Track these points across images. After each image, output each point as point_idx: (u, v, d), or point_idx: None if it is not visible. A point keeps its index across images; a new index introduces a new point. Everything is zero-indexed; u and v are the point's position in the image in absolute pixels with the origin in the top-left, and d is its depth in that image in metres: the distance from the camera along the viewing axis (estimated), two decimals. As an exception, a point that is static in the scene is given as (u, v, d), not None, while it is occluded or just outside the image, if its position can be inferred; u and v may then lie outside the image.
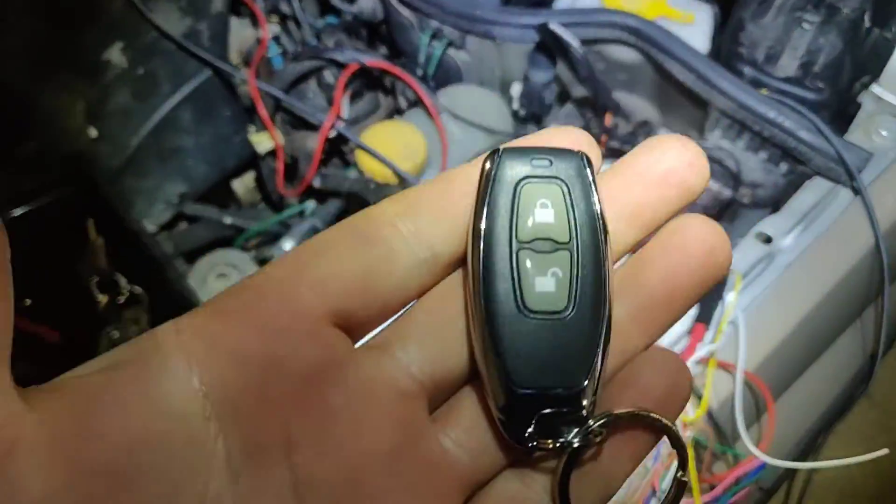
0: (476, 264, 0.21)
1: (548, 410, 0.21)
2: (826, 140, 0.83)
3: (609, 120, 0.90)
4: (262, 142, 0.98)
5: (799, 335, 0.80)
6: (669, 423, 0.23)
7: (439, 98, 0.95)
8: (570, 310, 0.21)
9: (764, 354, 0.78)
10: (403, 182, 0.88)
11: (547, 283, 0.21)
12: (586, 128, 0.92)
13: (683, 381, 0.24)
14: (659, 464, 0.70)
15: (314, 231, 0.86)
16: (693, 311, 0.76)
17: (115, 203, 0.95)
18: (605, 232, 0.22)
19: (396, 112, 1.01)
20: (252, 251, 1.05)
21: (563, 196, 0.21)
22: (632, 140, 0.90)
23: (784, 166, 0.88)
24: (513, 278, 0.21)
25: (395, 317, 0.23)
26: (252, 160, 1.13)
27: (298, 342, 0.21)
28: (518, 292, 0.21)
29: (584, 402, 0.21)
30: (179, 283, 0.89)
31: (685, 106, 0.94)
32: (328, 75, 0.94)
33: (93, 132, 1.01)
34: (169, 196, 1.09)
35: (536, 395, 0.21)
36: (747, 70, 0.92)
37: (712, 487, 0.73)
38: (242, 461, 0.20)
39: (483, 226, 0.21)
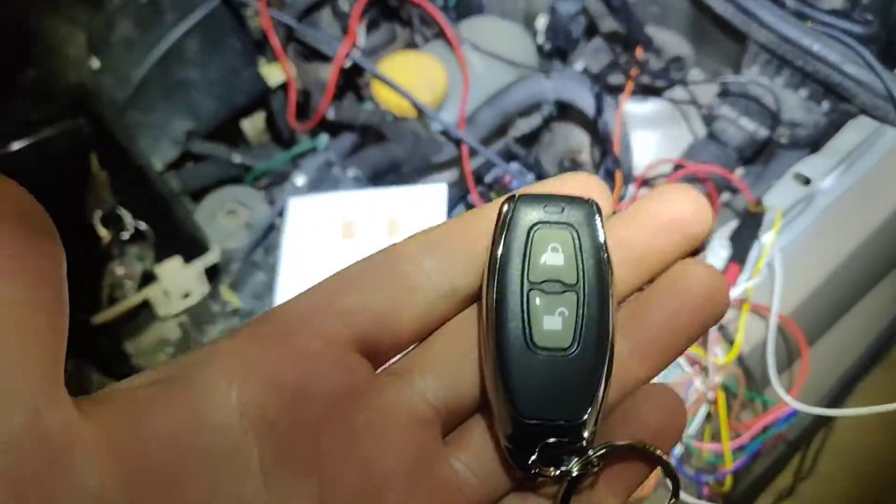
0: (490, 302, 0.23)
1: (551, 440, 0.23)
2: (875, 75, 0.77)
3: (640, 54, 0.85)
4: (274, 74, 0.93)
5: (836, 280, 0.76)
6: (664, 455, 0.24)
7: (460, 29, 0.90)
8: (575, 348, 0.23)
9: (800, 299, 0.74)
10: (422, 115, 0.83)
11: (554, 321, 0.23)
12: (616, 63, 0.87)
13: (679, 415, 0.26)
14: (686, 409, 0.67)
15: (328, 165, 0.82)
16: (727, 251, 0.72)
17: (120, 136, 0.90)
18: (611, 275, 0.23)
19: (413, 47, 0.96)
20: (262, 191, 1.01)
21: (573, 241, 0.23)
22: (664, 76, 0.85)
23: (826, 104, 0.83)
24: (523, 316, 0.23)
25: (415, 345, 0.25)
26: (263, 98, 1.09)
27: (326, 368, 0.23)
28: (527, 329, 0.23)
29: (585, 434, 0.23)
30: (186, 220, 0.85)
31: (721, 40, 0.89)
32: (343, 3, 0.89)
33: (95, 63, 0.96)
34: (176, 133, 1.05)
35: (540, 426, 0.23)
36: (789, 2, 0.86)
37: (739, 436, 0.70)
38: (275, 470, 0.22)
39: (498, 266, 0.23)
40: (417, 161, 0.82)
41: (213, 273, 0.84)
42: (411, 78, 0.83)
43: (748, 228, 0.72)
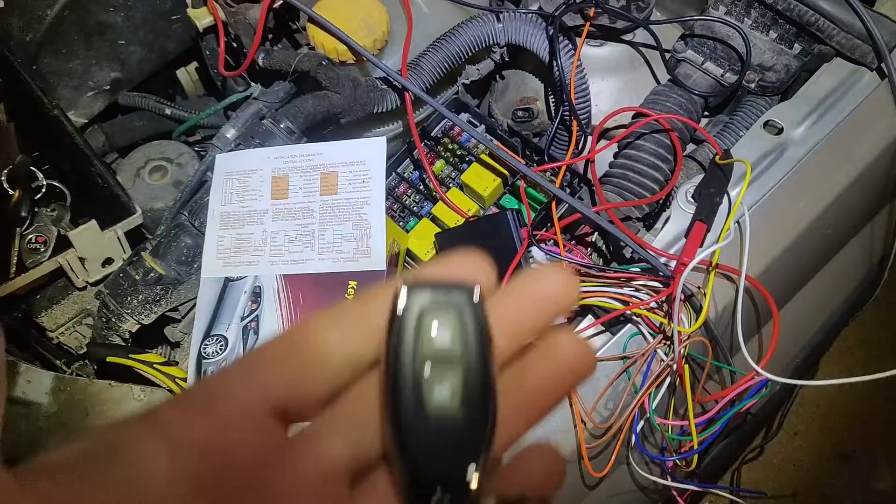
0: (387, 376, 0.26)
1: (442, 495, 0.26)
2: (853, 12, 0.71)
3: (600, -9, 0.78)
4: (202, 17, 0.84)
5: (808, 239, 0.71)
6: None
7: (405, -35, 0.81)
8: (462, 413, 0.26)
9: (769, 260, 0.69)
10: (361, 60, 0.75)
11: (443, 391, 0.25)
12: (572, 3, 0.79)
13: (559, 466, 0.29)
14: (649, 383, 0.62)
15: (259, 117, 0.74)
16: (692, 209, 0.66)
17: (31, 84, 0.81)
18: (491, 348, 0.26)
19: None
20: (196, 147, 0.93)
21: (458, 322, 0.26)
22: (624, 17, 0.78)
23: (798, 47, 0.77)
24: (415, 387, 0.25)
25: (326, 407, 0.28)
26: (197, 47, 1.00)
27: (247, 434, 0.25)
28: (421, 399, 0.25)
29: (472, 487, 0.25)
30: (106, 178, 0.78)
31: (687, -24, 0.82)
32: (274, -66, 0.80)
33: (0, 2, 0.86)
34: (99, 82, 0.96)
35: (432, 482, 0.25)
36: (760, -66, 0.79)
37: (705, 410, 0.66)
38: None
39: (393, 346, 0.26)
40: (356, 111, 0.74)
41: (135, 237, 0.77)
42: (349, 19, 0.75)
43: (714, 183, 0.67)
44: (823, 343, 0.87)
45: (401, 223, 0.77)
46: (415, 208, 0.78)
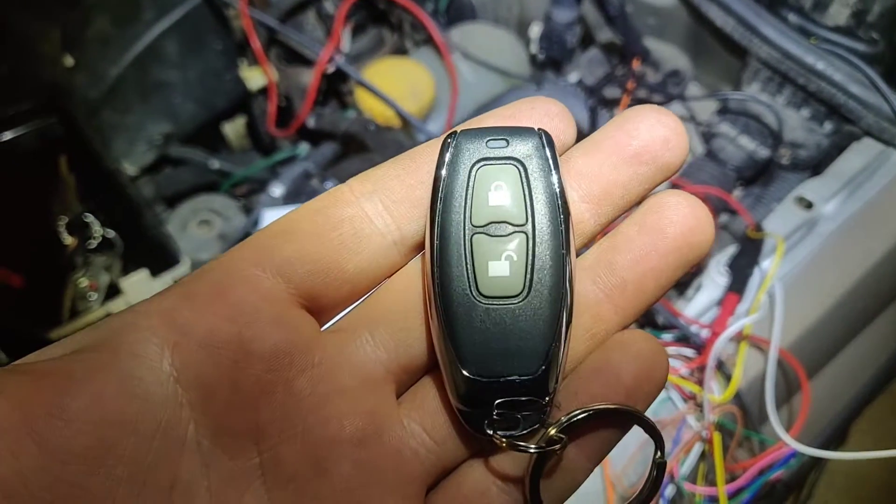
0: (432, 250, 0.21)
1: (506, 399, 0.21)
2: (881, 95, 0.74)
3: (637, 66, 0.81)
4: (255, 77, 0.89)
5: (838, 312, 0.73)
6: (637, 412, 0.22)
7: (451, 36, 0.86)
8: (525, 295, 0.21)
9: (800, 331, 0.70)
10: (407, 125, 0.79)
11: (501, 267, 0.21)
12: (612, 75, 0.83)
13: (658, 364, 0.23)
14: (678, 449, 0.63)
15: (306, 176, 0.78)
16: (725, 279, 0.68)
17: (92, 138, 0.86)
18: (566, 213, 0.21)
19: (401, 52, 0.92)
20: (241, 199, 0.97)
21: (520, 177, 0.21)
22: (661, 90, 0.81)
23: (829, 125, 0.80)
24: (465, 263, 0.21)
25: (365, 297, 0.23)
26: (244, 103, 1.04)
27: (265, 327, 0.20)
28: (472, 277, 0.21)
29: (544, 390, 0.21)
30: (157, 230, 0.81)
31: (721, 54, 0.85)
32: (328, 5, 0.85)
33: (69, 60, 0.92)
34: (152, 135, 1.01)
35: (492, 384, 0.21)
36: (792, 17, 0.83)
37: (733, 478, 0.66)
38: (213, 448, 0.20)
39: (439, 210, 0.21)
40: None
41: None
42: (397, 86, 0.79)
43: (747, 255, 0.69)
44: (854, 413, 0.87)
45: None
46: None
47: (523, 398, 0.21)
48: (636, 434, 0.64)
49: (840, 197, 0.74)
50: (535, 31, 0.87)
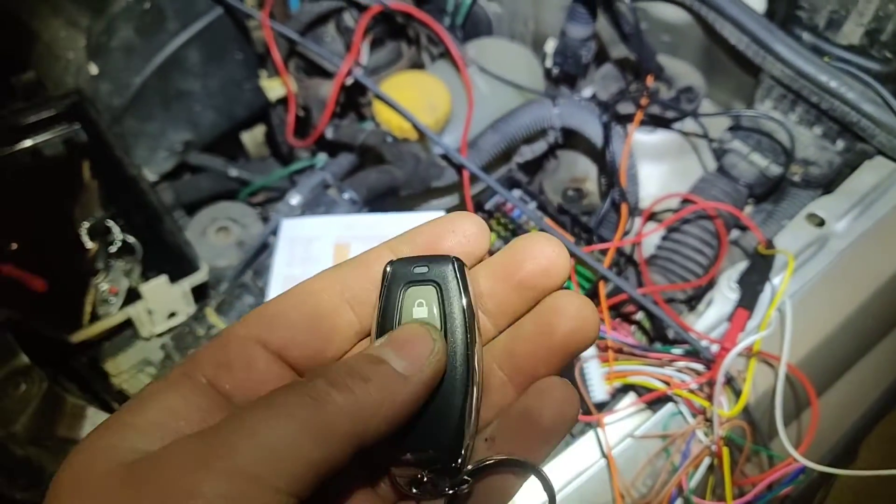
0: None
1: (427, 469, 0.28)
2: (893, 114, 0.75)
3: (650, 82, 0.82)
4: (274, 88, 0.91)
5: (849, 328, 0.73)
6: (534, 465, 0.28)
7: (467, 50, 0.87)
8: (442, 386, 0.27)
9: (809, 347, 0.70)
10: (423, 137, 0.80)
11: None
12: (625, 91, 0.84)
13: (571, 407, 0.29)
14: (688, 462, 0.64)
15: (324, 186, 0.79)
16: (735, 295, 0.69)
17: (114, 145, 0.88)
18: (473, 319, 0.28)
19: (419, 66, 0.94)
20: (258, 207, 0.98)
21: (437, 294, 0.28)
22: (675, 107, 0.82)
23: (841, 143, 0.80)
24: None
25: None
26: (263, 112, 1.06)
27: (269, 382, 0.27)
28: None
29: (456, 459, 0.27)
30: (176, 236, 0.83)
31: (734, 72, 0.86)
32: (348, 18, 0.87)
33: (93, 69, 0.94)
34: (173, 143, 1.03)
35: (415, 457, 0.28)
36: (806, 36, 0.83)
37: (742, 493, 0.67)
38: None
39: (377, 320, 0.28)
40: (416, 185, 0.79)
41: (199, 293, 0.81)
42: (414, 99, 0.80)
43: (758, 272, 0.69)
44: (863, 430, 0.87)
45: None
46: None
47: (439, 466, 0.27)
48: (645, 445, 0.65)
49: (851, 215, 0.75)
50: (551, 46, 0.89)
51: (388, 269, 0.28)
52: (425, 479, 0.28)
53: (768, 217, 0.82)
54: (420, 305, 0.28)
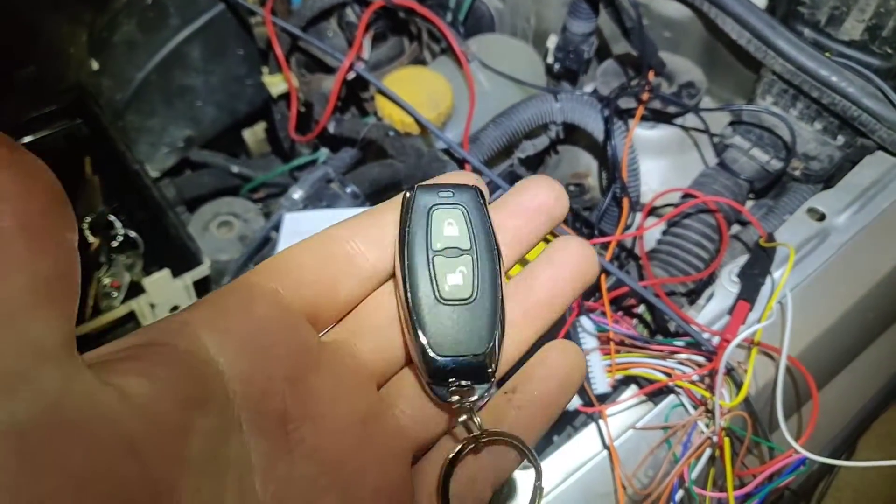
0: (403, 269, 0.28)
1: (462, 373, 0.28)
2: (895, 109, 0.75)
3: (652, 78, 0.82)
4: (276, 83, 0.91)
5: (848, 322, 0.73)
6: (523, 445, 0.30)
7: (469, 46, 0.87)
8: (474, 297, 0.28)
9: (810, 340, 0.71)
10: (425, 131, 0.81)
11: (456, 278, 0.28)
12: (626, 87, 0.84)
13: (580, 361, 0.32)
14: (689, 453, 0.64)
15: (326, 180, 0.80)
16: (735, 288, 0.69)
17: (116, 140, 0.88)
18: (496, 242, 0.29)
19: (421, 61, 0.94)
20: (259, 203, 0.99)
21: (464, 217, 0.29)
22: (676, 102, 0.83)
23: (842, 138, 0.81)
24: (430, 276, 0.28)
25: (347, 315, 0.30)
26: (265, 109, 1.06)
27: (285, 334, 0.27)
28: (435, 286, 0.28)
29: (492, 362, 0.28)
30: (178, 230, 0.83)
31: (735, 67, 0.87)
32: (350, 14, 0.87)
33: (95, 65, 0.94)
34: (174, 139, 1.03)
35: (451, 363, 0.28)
36: (807, 32, 0.84)
37: (743, 484, 0.67)
38: (252, 428, 0.24)
39: (406, 241, 0.29)
40: (419, 179, 0.79)
41: (202, 286, 0.82)
42: (416, 94, 0.81)
43: (759, 265, 0.70)
44: (863, 424, 0.87)
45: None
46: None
47: (475, 371, 0.28)
48: (647, 437, 0.65)
49: (852, 209, 0.75)
50: (552, 42, 0.89)
51: (412, 193, 0.29)
52: (463, 385, 0.28)
53: (769, 212, 0.82)
54: (450, 225, 0.29)
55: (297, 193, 0.81)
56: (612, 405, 0.65)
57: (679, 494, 0.65)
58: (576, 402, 0.63)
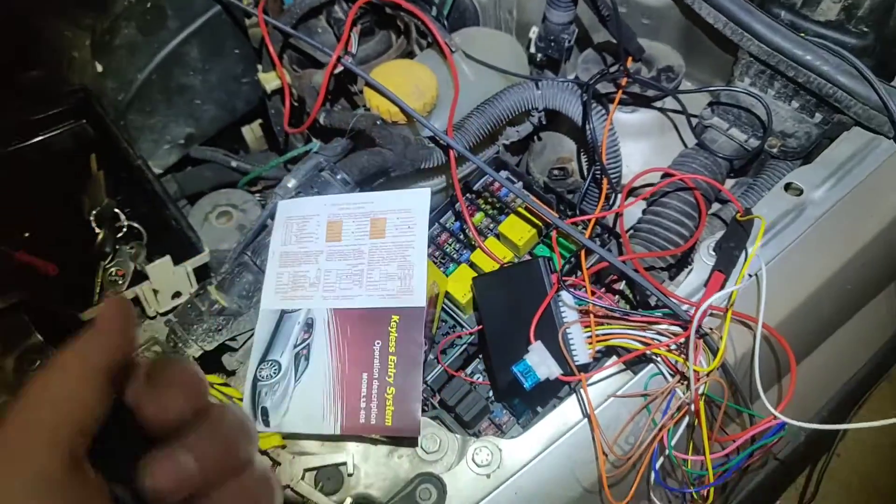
0: None
1: None
2: (870, 86, 0.77)
3: (630, 62, 0.85)
4: (270, 80, 0.94)
5: (826, 293, 0.75)
6: None
7: (453, 38, 0.90)
8: None
9: (788, 311, 0.73)
10: (412, 121, 0.83)
11: None
12: (605, 72, 0.86)
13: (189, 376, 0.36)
14: (668, 418, 0.66)
15: (318, 169, 0.83)
16: (712, 261, 0.71)
17: (120, 138, 0.92)
18: None
19: (409, 55, 0.97)
20: (257, 195, 1.02)
21: None
22: (654, 86, 0.85)
23: (819, 116, 0.83)
24: None
25: None
26: (262, 106, 1.10)
27: None
28: None
29: None
30: (179, 221, 0.86)
31: (712, 51, 0.89)
32: (338, 10, 0.90)
33: (98, 67, 0.98)
34: (175, 136, 1.07)
35: None
36: (784, 14, 0.86)
37: (724, 449, 0.69)
38: None
39: None
40: (406, 166, 0.82)
41: (202, 274, 0.85)
42: (402, 84, 0.84)
43: (734, 238, 0.72)
44: (848, 399, 0.89)
45: (441, 269, 0.83)
46: (455, 256, 0.85)
47: None
48: (627, 405, 0.67)
49: (829, 183, 0.77)
50: (534, 32, 0.92)
51: None
52: None
53: (749, 189, 0.84)
54: None
55: (290, 182, 0.83)
56: (593, 373, 0.67)
57: (660, 461, 0.67)
58: (557, 373, 0.66)
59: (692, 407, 0.66)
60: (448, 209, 0.87)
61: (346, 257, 0.75)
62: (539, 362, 0.66)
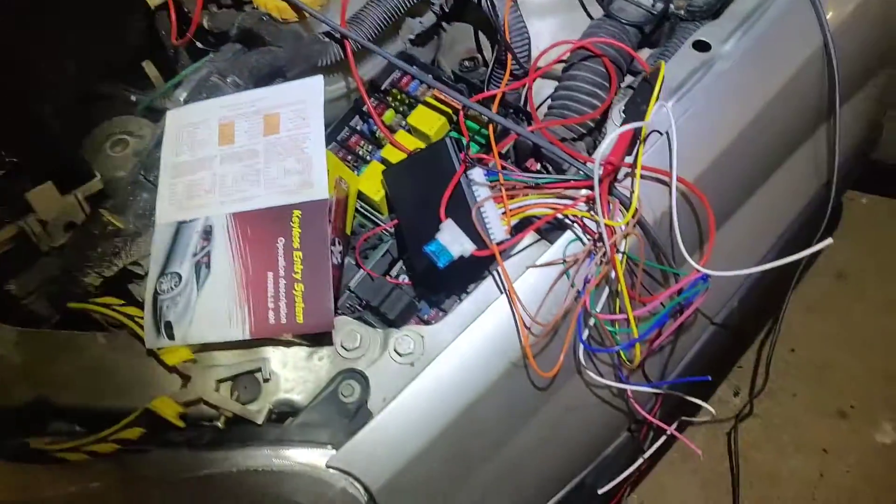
0: None
1: None
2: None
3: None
4: (153, -5, 0.88)
5: (742, 146, 0.73)
6: None
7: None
8: None
9: (704, 165, 0.71)
10: (305, 19, 0.79)
11: None
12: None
13: None
14: (587, 281, 0.63)
15: (207, 76, 0.77)
16: (620, 117, 0.69)
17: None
18: None
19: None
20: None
21: None
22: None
23: (722, -29, 0.80)
24: None
25: None
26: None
27: None
28: None
29: None
30: (67, 151, 0.80)
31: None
32: None
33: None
34: (69, 70, 0.99)
35: None
36: None
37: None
38: None
39: None
40: (301, 63, 0.77)
41: (97, 202, 0.79)
42: (289, -22, 0.78)
43: (643, 95, 0.69)
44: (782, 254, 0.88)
45: (355, 171, 0.79)
46: (367, 157, 0.81)
47: None
48: (546, 274, 0.64)
49: (735, 36, 0.75)
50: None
51: None
52: None
53: (661, 56, 0.81)
54: None
55: (181, 95, 0.79)
56: (507, 244, 0.64)
57: (586, 332, 0.65)
58: (470, 249, 0.62)
59: (607, 261, 0.63)
60: (353, 115, 0.82)
61: (241, 158, 0.70)
62: (451, 240, 0.63)
